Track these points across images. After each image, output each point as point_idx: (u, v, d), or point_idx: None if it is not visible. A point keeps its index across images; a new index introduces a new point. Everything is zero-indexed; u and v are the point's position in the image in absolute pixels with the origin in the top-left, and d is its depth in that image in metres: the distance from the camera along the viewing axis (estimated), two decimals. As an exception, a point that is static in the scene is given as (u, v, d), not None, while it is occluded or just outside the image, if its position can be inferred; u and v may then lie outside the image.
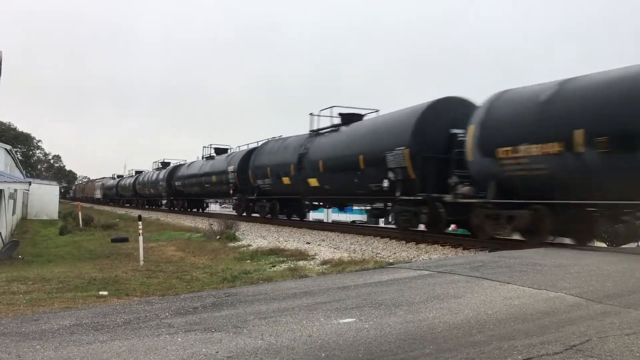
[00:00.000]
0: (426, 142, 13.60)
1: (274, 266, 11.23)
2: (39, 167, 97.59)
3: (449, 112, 13.78)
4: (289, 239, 16.57)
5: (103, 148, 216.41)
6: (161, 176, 40.23)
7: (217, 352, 3.37)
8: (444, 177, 13.11)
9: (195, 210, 36.91)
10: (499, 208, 11.31)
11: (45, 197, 40.34)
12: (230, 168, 26.42)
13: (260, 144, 24.88)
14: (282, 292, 5.48)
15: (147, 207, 46.85)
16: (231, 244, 16.23)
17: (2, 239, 17.56)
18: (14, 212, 27.06)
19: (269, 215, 23.52)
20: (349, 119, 18.30)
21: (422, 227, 14.65)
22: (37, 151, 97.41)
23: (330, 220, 28.45)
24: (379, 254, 12.26)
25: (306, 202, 21.82)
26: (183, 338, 3.72)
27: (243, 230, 19.72)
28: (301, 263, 11.32)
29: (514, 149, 10.67)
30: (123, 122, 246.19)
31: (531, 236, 11.01)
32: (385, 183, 14.56)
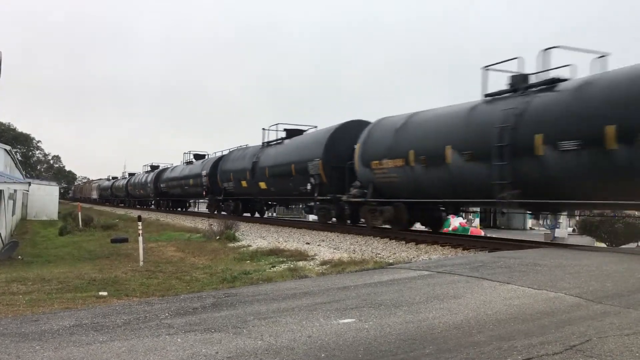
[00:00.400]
0: (334, 155, 18.03)
1: (273, 266, 11.22)
2: (38, 167, 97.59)
3: (353, 131, 17.65)
4: (288, 239, 16.56)
5: (103, 148, 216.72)
6: (149, 178, 43.82)
7: (217, 352, 3.37)
8: (349, 182, 17.19)
9: (179, 209, 40.35)
10: (376, 205, 15.61)
11: (45, 198, 40.35)
12: (204, 172, 30.31)
13: (230, 151, 28.92)
14: (282, 293, 5.48)
15: (138, 206, 50.20)
16: (231, 245, 16.23)
17: (1, 240, 17.56)
18: (13, 213, 27.05)
19: (233, 213, 27.44)
20: (291, 133, 22.27)
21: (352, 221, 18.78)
22: (37, 152, 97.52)
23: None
24: (379, 254, 12.26)
25: (264, 202, 26.17)
26: (183, 338, 3.72)
27: (243, 231, 19.72)
28: (301, 263, 11.32)
29: (380, 162, 14.99)
30: (123, 122, 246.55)
31: (395, 225, 15.39)
32: (309, 186, 18.89)
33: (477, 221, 27.37)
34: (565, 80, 10.82)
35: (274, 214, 34.22)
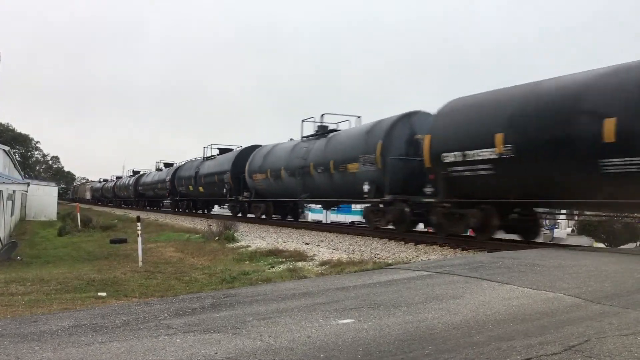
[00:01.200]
0: (238, 169, 25.39)
1: (272, 267, 11.22)
2: (37, 168, 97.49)
3: (250, 152, 25.54)
4: (287, 239, 16.56)
5: (102, 148, 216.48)
6: (131, 182, 52.50)
7: (216, 353, 3.37)
8: (242, 187, 25.14)
9: (154, 208, 48.04)
10: (256, 202, 24.64)
11: (44, 198, 40.34)
12: (167, 178, 38.28)
13: (185, 162, 37.29)
14: (281, 293, 5.48)
15: (123, 205, 58.06)
16: (230, 245, 16.22)
17: (0, 240, 17.54)
18: (12, 213, 27.04)
19: (186, 210, 35.92)
20: (222, 151, 30.16)
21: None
22: (36, 152, 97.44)
23: (329, 222, 30.89)
24: (378, 254, 12.26)
25: (203, 201, 34.29)
26: (182, 339, 3.72)
27: (242, 231, 19.72)
28: (300, 264, 11.32)
29: (255, 175, 23.73)
30: (122, 122, 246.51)
31: (264, 214, 24.35)
32: (224, 190, 26.85)
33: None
34: (333, 130, 19.82)
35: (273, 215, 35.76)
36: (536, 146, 10.27)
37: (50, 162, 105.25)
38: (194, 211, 35.19)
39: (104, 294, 8.60)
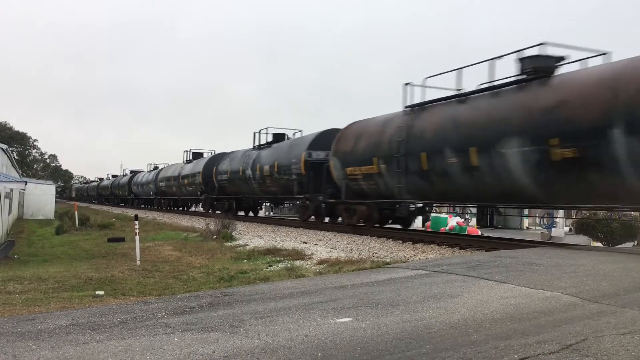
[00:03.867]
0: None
1: (270, 266, 11.22)
2: (35, 166, 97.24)
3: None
4: (285, 238, 16.56)
5: (101, 147, 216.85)
6: (110, 184, 65.29)
7: (214, 351, 3.37)
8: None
9: (147, 206, 51.71)
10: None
11: (42, 197, 40.24)
12: (152, 179, 44.22)
13: (168, 165, 43.86)
14: (279, 292, 5.48)
15: (105, 202, 69.13)
16: (228, 244, 16.21)
17: (-3, 239, 17.51)
18: (10, 212, 26.98)
19: (168, 208, 41.60)
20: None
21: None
22: (33, 150, 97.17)
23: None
24: (376, 253, 12.27)
25: (182, 200, 39.50)
26: (180, 338, 3.72)
27: (240, 230, 19.71)
28: (298, 263, 11.32)
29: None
30: (122, 121, 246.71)
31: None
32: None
33: (474, 221, 27.42)
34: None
35: (271, 213, 38.64)
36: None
37: (47, 160, 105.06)
38: (174, 208, 40.99)
39: (101, 292, 8.58)
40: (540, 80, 10.69)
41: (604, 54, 10.52)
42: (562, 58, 10.83)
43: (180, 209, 40.70)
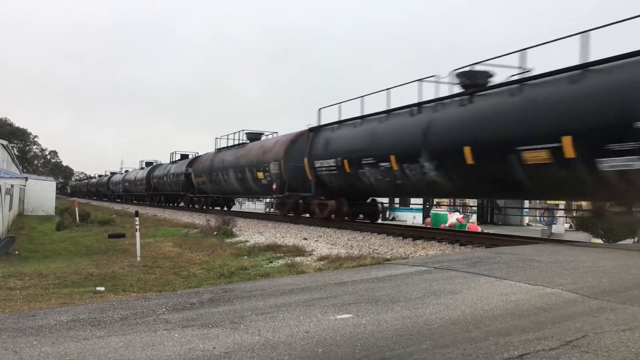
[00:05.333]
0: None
1: (271, 262, 11.23)
2: (35, 162, 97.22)
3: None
4: (286, 235, 16.57)
5: (102, 144, 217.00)
6: (99, 182, 76.59)
7: (214, 347, 3.37)
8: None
9: (140, 202, 55.75)
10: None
11: (42, 193, 40.27)
12: (144, 176, 47.60)
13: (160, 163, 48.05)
14: (279, 288, 5.49)
15: (94, 197, 77.79)
16: (228, 240, 16.23)
17: (-2, 235, 17.52)
18: (10, 208, 27.00)
19: (159, 203, 44.72)
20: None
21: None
22: (34, 147, 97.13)
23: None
24: (376, 250, 12.28)
25: (168, 196, 43.21)
26: (180, 334, 3.72)
27: (240, 226, 19.72)
28: (298, 259, 11.33)
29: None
30: (123, 120, 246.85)
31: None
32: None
33: (474, 217, 27.42)
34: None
35: (272, 209, 40.33)
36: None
37: (48, 156, 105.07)
38: (163, 204, 44.45)
39: (102, 288, 8.60)
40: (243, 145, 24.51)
41: (276, 132, 23.01)
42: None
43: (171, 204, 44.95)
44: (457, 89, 13.43)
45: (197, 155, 37.40)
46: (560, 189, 11.10)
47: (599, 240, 17.05)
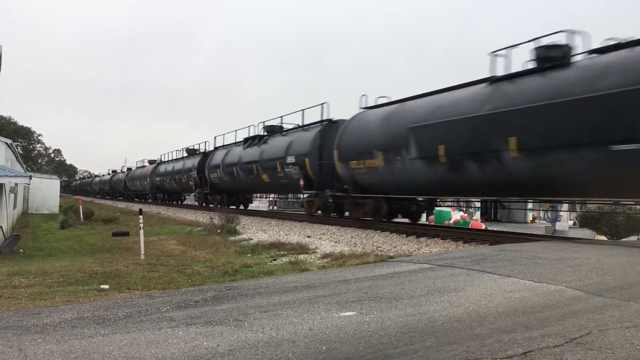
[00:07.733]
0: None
1: (274, 260, 11.24)
2: (39, 161, 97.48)
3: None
4: (289, 232, 16.58)
5: (105, 142, 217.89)
6: (91, 181, 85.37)
7: (218, 345, 3.38)
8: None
9: (142, 200, 56.35)
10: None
11: (46, 192, 40.40)
12: (148, 174, 46.79)
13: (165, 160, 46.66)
14: (283, 286, 5.49)
15: (97, 196, 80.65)
16: (232, 238, 16.26)
17: (3, 233, 17.59)
18: (14, 206, 27.09)
19: (162, 201, 44.96)
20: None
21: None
22: (38, 145, 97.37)
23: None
24: (380, 247, 12.27)
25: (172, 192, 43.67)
26: (184, 331, 3.73)
27: (244, 224, 19.75)
28: (302, 257, 11.34)
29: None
30: (125, 119, 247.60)
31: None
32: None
33: (478, 214, 27.38)
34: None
35: (275, 207, 40.13)
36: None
37: (52, 155, 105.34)
38: (168, 202, 44.77)
39: (106, 286, 8.62)
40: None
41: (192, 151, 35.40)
42: None
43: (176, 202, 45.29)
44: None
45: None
46: None
47: (603, 237, 17.01)
